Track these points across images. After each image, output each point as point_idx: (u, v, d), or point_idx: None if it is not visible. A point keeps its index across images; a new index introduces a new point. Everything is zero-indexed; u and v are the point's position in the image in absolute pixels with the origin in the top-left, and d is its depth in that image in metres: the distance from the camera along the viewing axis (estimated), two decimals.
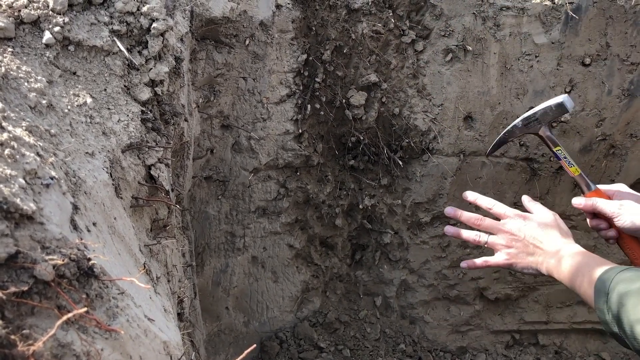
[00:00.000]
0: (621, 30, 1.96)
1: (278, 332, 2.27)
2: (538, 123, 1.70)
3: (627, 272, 1.29)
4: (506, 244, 1.66)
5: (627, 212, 1.57)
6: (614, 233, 1.64)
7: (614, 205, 1.61)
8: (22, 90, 0.94)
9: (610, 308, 1.26)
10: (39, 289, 0.70)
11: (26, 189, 0.74)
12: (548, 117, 1.69)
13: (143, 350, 0.81)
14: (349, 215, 2.28)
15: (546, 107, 1.67)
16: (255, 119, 1.93)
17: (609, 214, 1.61)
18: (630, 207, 1.58)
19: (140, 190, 1.17)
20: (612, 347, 2.46)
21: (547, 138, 1.71)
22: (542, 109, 1.68)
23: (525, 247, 1.64)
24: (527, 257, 1.63)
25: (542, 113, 1.69)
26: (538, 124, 1.70)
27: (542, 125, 1.70)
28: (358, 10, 1.91)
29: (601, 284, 1.34)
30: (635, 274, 1.25)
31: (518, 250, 1.64)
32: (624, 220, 1.58)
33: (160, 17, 1.25)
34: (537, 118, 1.70)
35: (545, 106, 1.68)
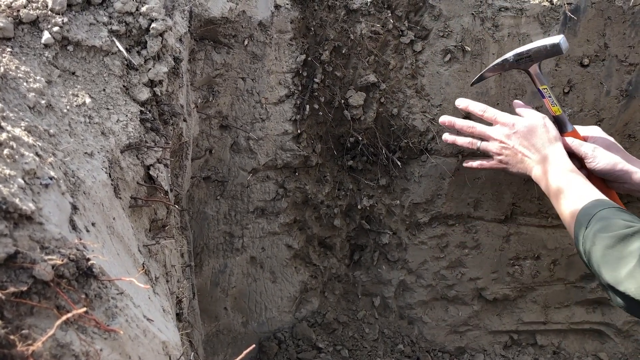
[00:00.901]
0: (619, 31, 1.96)
1: (276, 332, 2.27)
2: (530, 60, 1.74)
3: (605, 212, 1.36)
4: (497, 151, 1.75)
5: (600, 155, 1.64)
6: (585, 173, 1.69)
7: (589, 148, 1.68)
8: (21, 90, 0.94)
9: (585, 242, 1.35)
10: (38, 289, 0.70)
11: (25, 189, 0.74)
12: (541, 56, 1.72)
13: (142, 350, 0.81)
14: (347, 216, 2.28)
15: (541, 46, 1.71)
16: (254, 119, 1.93)
17: (583, 155, 1.68)
18: (602, 151, 1.65)
19: (139, 190, 1.18)
20: (610, 347, 2.47)
21: (536, 76, 1.75)
22: (537, 47, 1.72)
23: (514, 155, 1.72)
24: (517, 164, 1.73)
25: (535, 51, 1.72)
26: (530, 61, 1.74)
27: (534, 63, 1.73)
28: (357, 11, 1.91)
29: (582, 216, 1.43)
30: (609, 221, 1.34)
31: (508, 158, 1.74)
32: (597, 162, 1.65)
33: (159, 17, 1.25)
34: (530, 55, 1.74)
35: (540, 44, 1.71)
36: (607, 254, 1.31)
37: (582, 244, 1.40)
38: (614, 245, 1.30)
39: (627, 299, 1.26)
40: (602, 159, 1.65)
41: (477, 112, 1.81)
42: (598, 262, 1.34)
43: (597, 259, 1.34)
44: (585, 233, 1.39)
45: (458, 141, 1.86)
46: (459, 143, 1.86)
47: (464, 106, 1.85)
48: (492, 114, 1.77)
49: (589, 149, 1.67)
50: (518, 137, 1.70)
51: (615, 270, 1.28)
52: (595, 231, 1.36)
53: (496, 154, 1.76)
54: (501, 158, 1.76)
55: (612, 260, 1.30)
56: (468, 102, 1.83)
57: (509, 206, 2.21)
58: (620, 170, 1.63)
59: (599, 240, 1.34)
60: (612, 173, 1.64)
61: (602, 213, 1.39)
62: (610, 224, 1.34)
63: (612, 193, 1.70)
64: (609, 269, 1.30)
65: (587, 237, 1.38)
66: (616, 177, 1.64)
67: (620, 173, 1.63)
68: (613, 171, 1.64)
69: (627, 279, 1.25)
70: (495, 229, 2.27)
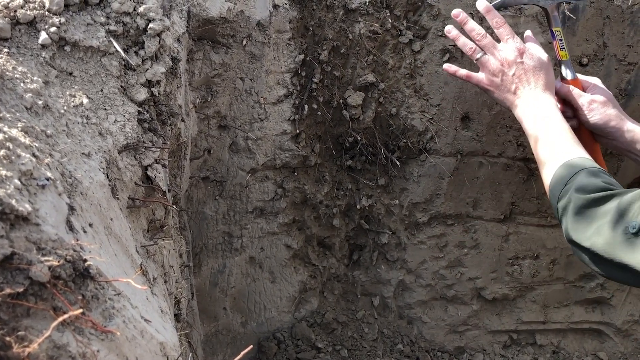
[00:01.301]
0: (618, 30, 1.96)
1: (276, 332, 2.27)
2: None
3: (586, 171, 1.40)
4: (494, 71, 1.71)
5: (595, 109, 1.64)
6: (575, 123, 1.69)
7: (586, 99, 1.67)
8: (18, 90, 0.94)
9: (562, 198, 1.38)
10: (34, 291, 0.70)
11: (22, 190, 0.74)
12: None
13: (139, 351, 0.81)
14: (346, 216, 2.28)
15: None
16: (253, 119, 1.93)
17: (579, 106, 1.68)
18: (598, 105, 1.65)
19: (137, 191, 1.17)
20: (609, 347, 2.47)
21: (553, 16, 1.71)
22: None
23: (509, 83, 1.69)
24: (505, 93, 1.69)
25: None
26: (551, 1, 1.69)
27: (555, 2, 1.69)
28: (355, 11, 1.91)
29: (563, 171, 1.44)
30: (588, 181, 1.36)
31: (500, 83, 1.69)
32: (591, 116, 1.65)
33: (157, 17, 1.25)
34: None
35: None
36: (579, 213, 1.34)
37: (558, 198, 1.43)
38: (588, 205, 1.32)
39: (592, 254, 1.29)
40: (597, 114, 1.64)
41: (494, 23, 1.71)
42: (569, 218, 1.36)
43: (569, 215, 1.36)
44: (563, 190, 1.41)
45: (460, 40, 1.76)
46: (460, 42, 1.77)
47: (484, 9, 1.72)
48: (508, 34, 1.69)
49: (586, 101, 1.66)
50: (521, 68, 1.66)
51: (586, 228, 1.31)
52: (572, 189, 1.38)
53: (492, 74, 1.69)
54: (494, 80, 1.69)
55: (583, 219, 1.32)
56: (491, 8, 1.72)
57: (508, 206, 2.21)
58: (612, 127, 1.62)
59: (575, 198, 1.36)
60: (603, 129, 1.64)
61: (581, 173, 1.40)
62: (588, 185, 1.36)
63: (597, 148, 1.70)
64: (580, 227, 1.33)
65: (564, 195, 1.40)
66: (607, 132, 1.64)
67: (612, 130, 1.63)
68: (605, 127, 1.63)
69: (594, 235, 1.28)
70: (494, 228, 2.27)
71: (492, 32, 1.76)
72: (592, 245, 1.28)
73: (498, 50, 1.70)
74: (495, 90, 1.70)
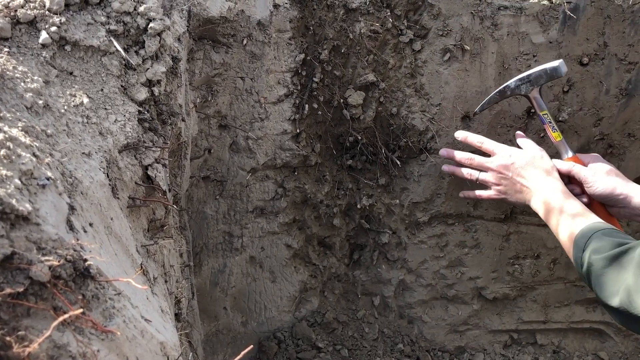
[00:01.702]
0: (619, 29, 1.96)
1: (276, 332, 2.27)
2: (530, 85, 1.80)
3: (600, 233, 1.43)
4: (495, 182, 1.80)
5: (599, 179, 1.68)
6: (587, 200, 1.72)
7: (589, 172, 1.71)
8: (18, 90, 0.94)
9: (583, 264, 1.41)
10: (34, 290, 0.70)
11: (22, 190, 0.74)
12: (541, 80, 1.78)
13: (140, 351, 0.81)
14: (347, 215, 2.28)
15: (541, 70, 1.77)
16: (253, 118, 1.93)
17: (583, 180, 1.71)
18: (602, 175, 1.68)
19: (137, 190, 1.17)
20: (610, 346, 2.47)
21: (536, 100, 1.80)
22: (537, 72, 1.78)
23: (513, 185, 1.76)
24: (515, 194, 1.77)
25: (536, 76, 1.78)
26: (530, 86, 1.80)
27: (534, 87, 1.79)
28: (356, 10, 1.91)
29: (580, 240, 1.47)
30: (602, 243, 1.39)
31: (507, 188, 1.78)
32: (597, 187, 1.68)
33: (157, 16, 1.24)
34: (530, 80, 1.80)
35: (540, 69, 1.77)
36: (602, 274, 1.35)
37: (581, 266, 1.44)
38: (608, 265, 1.33)
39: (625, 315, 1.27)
40: (602, 184, 1.67)
41: (475, 143, 1.88)
42: (595, 283, 1.38)
43: (594, 280, 1.38)
44: (582, 257, 1.43)
45: (457, 172, 1.91)
46: (458, 174, 1.91)
47: (462, 138, 1.92)
48: (490, 146, 1.83)
49: (589, 173, 1.71)
50: (516, 167, 1.75)
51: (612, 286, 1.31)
52: (591, 253, 1.40)
53: (494, 185, 1.81)
54: (499, 188, 1.81)
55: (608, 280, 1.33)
56: (467, 134, 1.90)
57: (508, 205, 2.21)
58: (619, 194, 1.65)
59: (594, 261, 1.37)
60: (611, 197, 1.67)
61: (597, 235, 1.43)
62: (603, 245, 1.38)
63: (614, 220, 1.72)
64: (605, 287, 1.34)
65: (585, 261, 1.42)
66: (616, 201, 1.67)
67: (619, 197, 1.65)
68: (612, 195, 1.66)
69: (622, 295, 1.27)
70: (495, 228, 2.27)
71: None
72: (620, 303, 1.27)
73: (490, 163, 1.82)
74: (505, 196, 1.82)
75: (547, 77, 1.77)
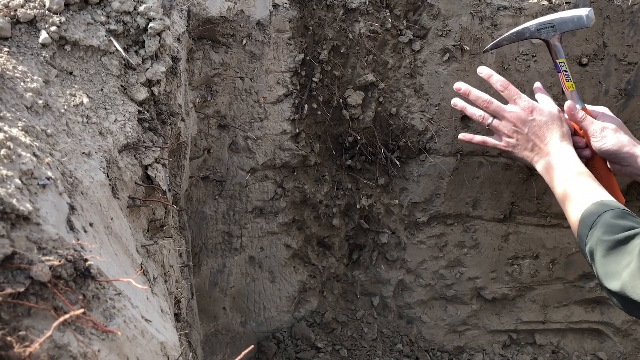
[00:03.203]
0: (618, 30, 1.96)
1: (275, 332, 2.27)
2: (553, 31, 1.67)
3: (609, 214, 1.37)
4: (508, 133, 1.71)
5: (608, 135, 1.63)
6: (589, 153, 1.68)
7: (598, 126, 1.66)
8: (18, 90, 0.94)
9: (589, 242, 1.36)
10: (35, 290, 0.70)
11: (22, 190, 0.74)
12: (565, 27, 1.66)
13: (140, 351, 0.81)
14: (346, 215, 2.28)
15: (567, 17, 1.64)
16: (252, 118, 1.93)
17: (591, 133, 1.66)
18: (610, 131, 1.64)
19: (137, 190, 1.17)
20: (609, 346, 2.47)
21: (555, 47, 1.69)
22: (562, 17, 1.65)
23: (525, 141, 1.68)
24: (524, 151, 1.69)
25: (560, 21, 1.65)
26: (553, 32, 1.67)
27: (556, 33, 1.67)
28: (355, 10, 1.91)
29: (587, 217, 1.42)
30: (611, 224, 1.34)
31: (518, 143, 1.69)
32: (604, 142, 1.63)
33: (157, 16, 1.24)
34: (553, 25, 1.67)
35: (566, 15, 1.65)
36: (606, 256, 1.32)
37: (585, 243, 1.41)
38: (614, 247, 1.30)
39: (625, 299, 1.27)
40: (610, 139, 1.62)
41: (497, 86, 1.72)
42: (598, 263, 1.35)
43: (598, 260, 1.35)
44: (589, 235, 1.39)
45: (468, 110, 1.79)
46: (468, 112, 1.79)
47: (486, 74, 1.75)
48: (513, 93, 1.70)
49: (598, 127, 1.64)
50: (534, 125, 1.65)
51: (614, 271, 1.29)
52: (597, 232, 1.36)
53: (506, 136, 1.70)
54: (511, 141, 1.69)
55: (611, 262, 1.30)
56: (492, 72, 1.74)
57: (507, 205, 2.21)
58: (626, 153, 1.60)
59: (600, 242, 1.34)
60: (617, 154, 1.62)
61: (605, 215, 1.38)
62: (612, 228, 1.34)
63: (612, 178, 1.69)
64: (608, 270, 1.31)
65: (591, 239, 1.38)
66: (621, 159, 1.62)
67: (625, 155, 1.60)
68: (619, 152, 1.61)
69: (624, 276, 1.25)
70: (494, 228, 2.27)
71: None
72: (622, 287, 1.25)
73: (508, 112, 1.70)
74: (513, 150, 1.71)
75: (572, 25, 1.64)
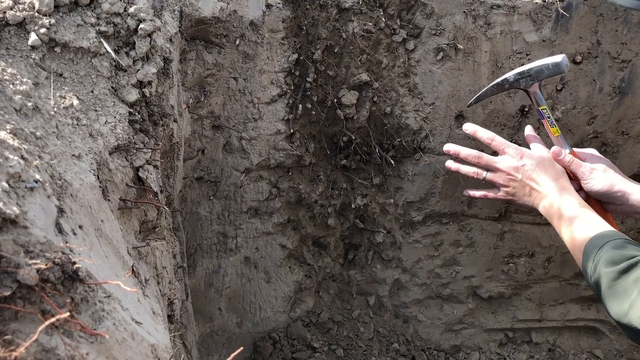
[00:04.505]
0: (612, 28, 1.96)
1: (271, 332, 2.27)
2: (531, 79, 1.71)
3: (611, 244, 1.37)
4: (504, 183, 1.72)
5: (598, 176, 1.64)
6: (583, 195, 1.69)
7: (586, 168, 1.67)
8: (7, 92, 0.93)
9: (593, 274, 1.38)
10: (22, 294, 0.69)
11: (9, 193, 0.73)
12: (542, 75, 1.69)
13: (130, 353, 0.80)
14: (341, 215, 2.28)
15: (542, 65, 1.68)
16: (247, 119, 1.93)
17: (580, 176, 1.67)
18: (600, 172, 1.64)
19: (128, 192, 1.17)
20: (605, 344, 2.47)
21: (535, 95, 1.73)
22: (538, 66, 1.68)
23: (522, 187, 1.69)
24: (523, 197, 1.70)
25: (536, 70, 1.69)
26: (531, 81, 1.71)
27: (534, 82, 1.70)
28: (349, 10, 1.90)
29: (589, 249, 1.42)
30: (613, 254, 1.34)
31: (515, 190, 1.70)
32: (594, 183, 1.65)
33: (148, 17, 1.24)
34: (530, 74, 1.70)
35: (541, 63, 1.68)
36: (611, 287, 1.32)
37: (590, 276, 1.41)
38: (617, 278, 1.30)
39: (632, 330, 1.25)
40: (600, 180, 1.63)
41: (484, 139, 1.75)
42: (604, 296, 1.34)
43: (604, 293, 1.34)
44: (592, 266, 1.39)
45: (462, 170, 1.81)
46: (463, 172, 1.81)
47: (471, 131, 1.78)
48: (501, 144, 1.72)
49: (587, 169, 1.66)
50: (527, 170, 1.67)
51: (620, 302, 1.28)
52: (600, 265, 1.36)
53: (503, 186, 1.72)
54: (508, 190, 1.72)
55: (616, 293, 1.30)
56: (476, 128, 1.77)
57: (502, 204, 2.21)
58: (617, 192, 1.61)
59: (603, 274, 1.34)
60: (609, 194, 1.63)
61: (607, 246, 1.38)
62: (614, 258, 1.34)
63: (609, 216, 1.70)
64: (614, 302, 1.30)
65: (594, 270, 1.38)
66: (613, 198, 1.63)
67: (617, 194, 1.61)
68: (610, 192, 1.62)
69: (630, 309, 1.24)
70: (489, 227, 2.27)
71: None
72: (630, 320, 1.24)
73: (499, 163, 1.71)
74: (513, 198, 1.73)
75: (548, 73, 1.69)
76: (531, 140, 1.77)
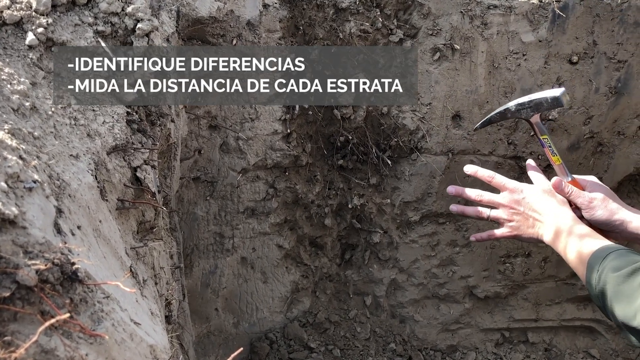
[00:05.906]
0: (608, 28, 1.97)
1: (268, 332, 2.26)
2: (531, 111, 1.73)
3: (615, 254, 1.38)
4: (508, 218, 1.73)
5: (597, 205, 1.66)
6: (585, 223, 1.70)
7: (586, 198, 1.68)
8: (4, 92, 0.93)
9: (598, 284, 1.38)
10: (21, 295, 0.69)
11: (8, 193, 0.73)
12: (542, 108, 1.72)
13: (129, 354, 0.80)
14: (338, 215, 2.28)
15: (542, 98, 1.70)
16: (244, 119, 1.92)
17: (580, 205, 1.69)
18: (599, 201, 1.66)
19: (126, 192, 1.16)
20: (601, 344, 2.48)
21: (537, 125, 1.75)
22: (538, 99, 1.71)
23: (525, 220, 1.71)
24: (528, 229, 1.71)
25: (536, 102, 1.72)
26: (531, 112, 1.73)
27: (535, 113, 1.73)
28: (346, 10, 1.90)
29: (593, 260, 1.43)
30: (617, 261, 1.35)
31: (519, 224, 1.71)
32: (594, 212, 1.66)
33: (145, 17, 1.24)
34: (530, 106, 1.73)
35: (541, 96, 1.70)
36: (617, 291, 1.32)
37: (594, 287, 1.41)
38: (623, 281, 1.31)
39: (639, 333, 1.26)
40: (599, 210, 1.65)
41: (485, 177, 1.76)
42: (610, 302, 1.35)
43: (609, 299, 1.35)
44: (596, 277, 1.40)
45: (466, 211, 1.82)
46: (467, 213, 1.81)
47: (472, 172, 1.80)
48: (501, 181, 1.73)
49: (586, 200, 1.68)
50: (528, 202, 1.69)
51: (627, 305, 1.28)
52: (606, 272, 1.37)
53: (507, 221, 1.72)
54: (512, 224, 1.73)
55: (623, 297, 1.30)
56: (476, 169, 1.78)
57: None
58: (616, 220, 1.63)
59: (609, 280, 1.35)
60: (608, 223, 1.65)
61: (611, 255, 1.40)
62: (619, 264, 1.35)
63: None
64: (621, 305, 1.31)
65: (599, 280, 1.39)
66: (613, 226, 1.65)
67: (616, 222, 1.63)
68: (609, 221, 1.64)
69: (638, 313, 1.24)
70: (486, 226, 2.27)
71: None
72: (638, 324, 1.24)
73: (501, 198, 1.73)
74: (518, 232, 1.74)
75: (547, 106, 1.72)
76: (533, 172, 1.79)
